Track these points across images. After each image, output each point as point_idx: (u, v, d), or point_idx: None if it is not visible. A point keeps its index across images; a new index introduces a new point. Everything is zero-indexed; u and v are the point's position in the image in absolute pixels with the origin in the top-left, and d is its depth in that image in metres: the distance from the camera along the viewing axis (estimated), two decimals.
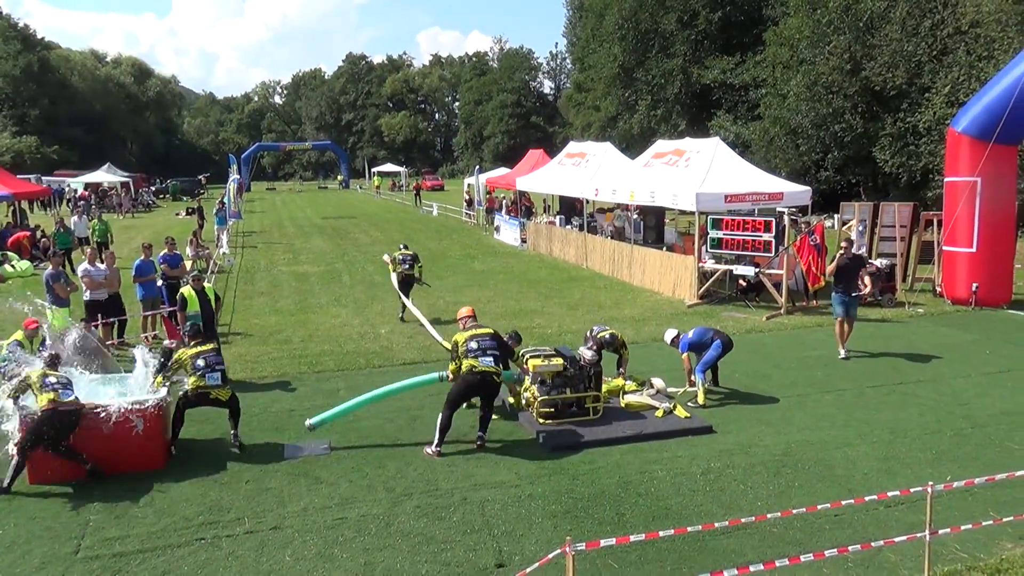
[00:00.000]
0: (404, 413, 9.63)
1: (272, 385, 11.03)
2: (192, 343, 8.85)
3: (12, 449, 7.73)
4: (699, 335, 10.24)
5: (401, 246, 16.38)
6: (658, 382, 10.00)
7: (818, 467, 7.93)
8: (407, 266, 15.47)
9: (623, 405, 9.57)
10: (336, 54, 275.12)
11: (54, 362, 8.22)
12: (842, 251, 12.23)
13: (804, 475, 7.75)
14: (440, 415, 8.42)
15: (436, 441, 8.37)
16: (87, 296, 12.87)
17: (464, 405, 8.80)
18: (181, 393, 8.56)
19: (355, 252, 25.97)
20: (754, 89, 37.37)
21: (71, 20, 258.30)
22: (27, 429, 7.58)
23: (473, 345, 8.39)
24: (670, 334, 10.66)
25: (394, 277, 15.43)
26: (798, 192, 16.73)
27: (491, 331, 8.62)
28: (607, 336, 10.09)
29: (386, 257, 16.42)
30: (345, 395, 10.46)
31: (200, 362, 8.48)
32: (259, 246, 28.44)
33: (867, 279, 12.68)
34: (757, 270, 15.51)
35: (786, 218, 15.41)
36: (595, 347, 9.73)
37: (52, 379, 7.79)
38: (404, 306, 15.02)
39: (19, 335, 10.40)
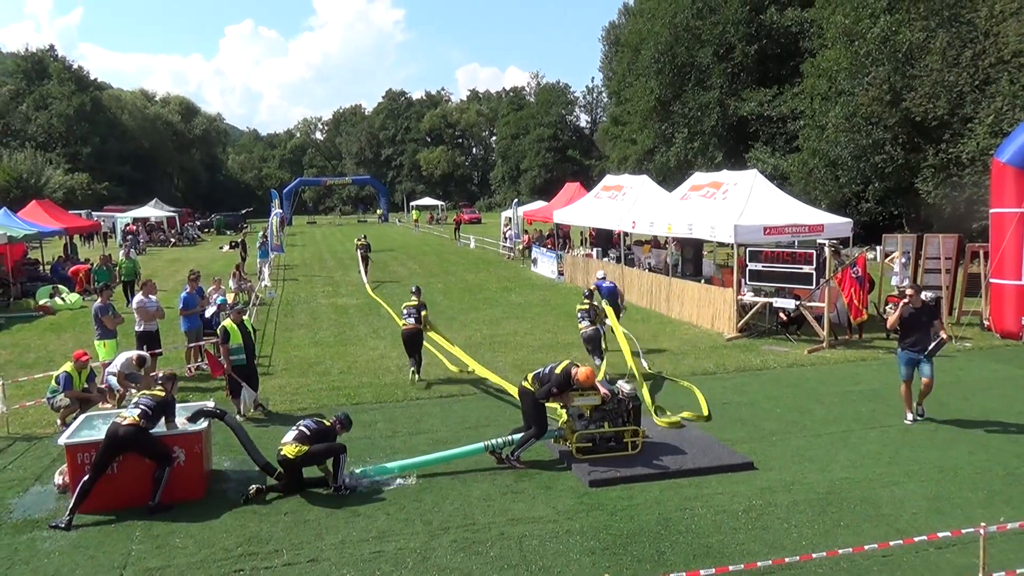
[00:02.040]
0: (440, 446, 9.61)
1: (311, 417, 11.09)
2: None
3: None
4: (607, 290, 14.55)
5: (363, 236, 30.88)
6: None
7: (864, 506, 7.72)
8: (363, 251, 29.03)
9: (655, 416, 10.10)
10: (376, 91, 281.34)
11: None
12: (907, 300, 10.15)
13: (850, 514, 7.54)
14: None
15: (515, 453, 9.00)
16: (140, 328, 13.07)
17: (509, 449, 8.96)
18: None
19: (393, 285, 26.22)
20: (792, 121, 37.18)
21: (123, 62, 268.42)
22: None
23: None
24: (600, 273, 15.11)
25: (359, 255, 29.15)
26: (839, 224, 16.52)
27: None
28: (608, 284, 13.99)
29: (356, 240, 31.27)
30: (382, 427, 10.53)
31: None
32: (299, 279, 28.88)
33: (942, 332, 10.20)
34: (798, 303, 15.30)
35: (827, 249, 15.20)
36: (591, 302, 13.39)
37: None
38: (363, 273, 27.51)
39: (68, 367, 10.69)
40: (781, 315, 16.06)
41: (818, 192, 32.08)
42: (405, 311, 13.21)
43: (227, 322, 11.14)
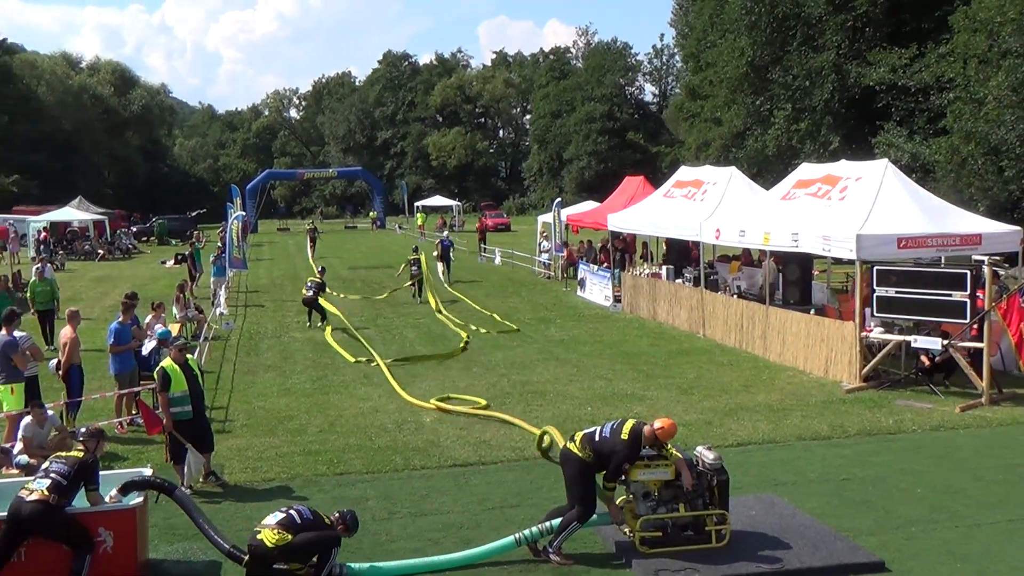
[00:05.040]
0: (453, 532, 9.61)
1: (279, 490, 11.18)
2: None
3: None
4: (446, 246, 30.46)
5: (312, 221, 65.94)
6: None
7: None
8: (311, 233, 48.11)
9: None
10: (371, 54, 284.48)
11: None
12: None
13: None
14: None
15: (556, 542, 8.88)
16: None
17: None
18: None
19: (392, 314, 26.37)
20: (937, 93, 36.92)
21: (40, 15, 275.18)
22: None
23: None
24: (444, 232, 30.29)
25: (307, 238, 47.76)
26: (1003, 233, 16.33)
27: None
28: None
29: (306, 224, 61.90)
30: (375, 506, 10.55)
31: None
32: (267, 305, 29.19)
33: None
34: (946, 342, 15.11)
35: (986, 269, 15.01)
36: None
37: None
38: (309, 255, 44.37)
39: None
40: (923, 359, 15.89)
41: (974, 190, 31.79)
42: (309, 283, 24.39)
43: (166, 362, 11.20)
